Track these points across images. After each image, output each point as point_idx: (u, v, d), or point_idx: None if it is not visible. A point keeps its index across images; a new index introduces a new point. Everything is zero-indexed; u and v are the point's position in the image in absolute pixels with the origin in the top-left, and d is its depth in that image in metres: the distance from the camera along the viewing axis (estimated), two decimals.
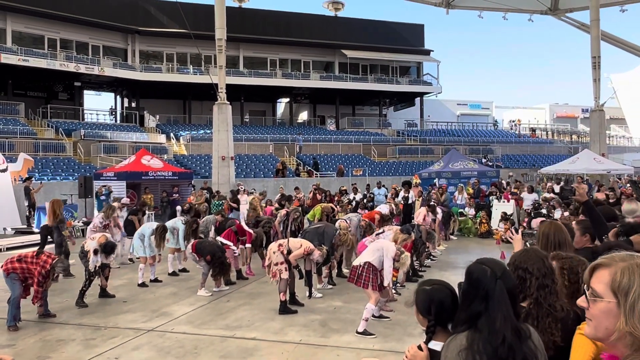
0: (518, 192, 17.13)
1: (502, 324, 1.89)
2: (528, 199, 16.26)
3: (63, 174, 22.77)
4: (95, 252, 7.83)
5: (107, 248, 7.97)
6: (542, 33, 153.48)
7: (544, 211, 13.92)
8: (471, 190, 17.85)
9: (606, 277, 1.27)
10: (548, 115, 58.54)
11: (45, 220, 16.60)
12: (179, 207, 14.52)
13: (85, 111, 35.52)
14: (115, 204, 11.99)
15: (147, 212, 13.35)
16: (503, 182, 20.65)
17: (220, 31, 21.51)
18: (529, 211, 14.82)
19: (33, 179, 18.59)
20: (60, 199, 11.40)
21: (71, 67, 30.85)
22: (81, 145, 27.18)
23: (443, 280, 2.38)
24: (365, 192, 19.30)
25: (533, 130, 47.12)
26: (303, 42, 38.75)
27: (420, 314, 2.30)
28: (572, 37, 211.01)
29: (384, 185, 19.68)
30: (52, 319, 7.13)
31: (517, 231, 3.43)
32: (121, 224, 11.51)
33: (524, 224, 14.02)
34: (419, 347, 2.15)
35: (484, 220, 15.68)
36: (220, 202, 16.36)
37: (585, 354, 2.27)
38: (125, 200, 12.13)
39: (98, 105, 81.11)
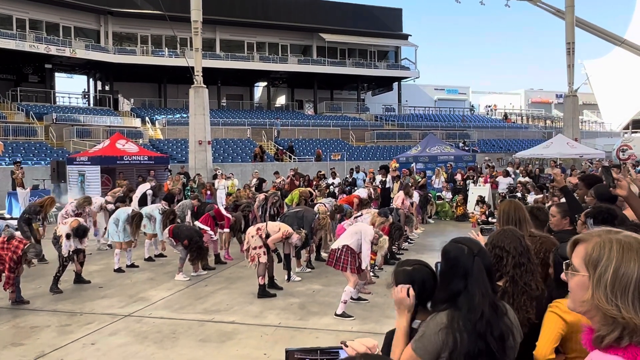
0: (495, 176, 17.41)
1: (481, 300, 1.91)
2: (503, 182, 16.54)
3: (35, 159, 22.20)
4: (68, 236, 7.70)
5: (80, 232, 7.84)
6: (518, 20, 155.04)
7: (518, 194, 14.18)
8: (445, 175, 18.10)
9: (582, 251, 1.32)
10: (523, 101, 59.37)
11: (16, 206, 16.23)
12: (149, 191, 14.00)
13: (57, 94, 34.51)
14: (104, 198, 11.72)
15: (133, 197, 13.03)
16: (479, 166, 20.93)
17: (196, 13, 21.07)
18: (504, 195, 15.07)
19: (21, 163, 18.11)
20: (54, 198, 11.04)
21: (41, 48, 29.87)
22: (53, 129, 26.48)
23: (421, 260, 2.39)
24: (347, 176, 19.37)
25: (505, 116, 47.78)
26: (281, 25, 38.27)
27: None
28: (547, 24, 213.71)
29: (363, 170, 19.78)
30: (26, 305, 7.00)
31: (492, 215, 3.51)
32: (97, 215, 11.27)
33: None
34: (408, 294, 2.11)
35: (460, 204, 15.93)
36: (194, 187, 16.11)
37: (554, 330, 2.34)
38: (110, 198, 11.92)
39: (70, 88, 78.42)
